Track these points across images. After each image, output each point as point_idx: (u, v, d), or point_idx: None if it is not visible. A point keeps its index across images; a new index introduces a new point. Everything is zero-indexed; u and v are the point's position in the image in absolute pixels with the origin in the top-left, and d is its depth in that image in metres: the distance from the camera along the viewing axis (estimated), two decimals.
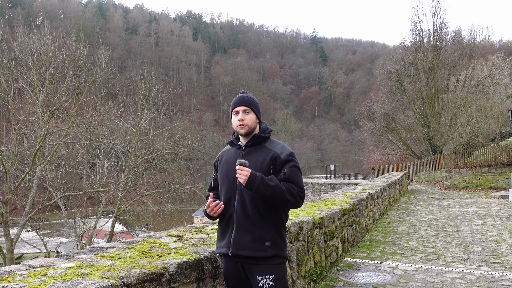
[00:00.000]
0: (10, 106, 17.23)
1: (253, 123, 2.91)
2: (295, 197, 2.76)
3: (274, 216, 2.82)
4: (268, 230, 2.78)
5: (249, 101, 2.93)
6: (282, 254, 2.84)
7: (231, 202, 2.86)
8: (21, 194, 20.56)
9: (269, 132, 2.98)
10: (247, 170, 2.67)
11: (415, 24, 34.73)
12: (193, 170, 36.61)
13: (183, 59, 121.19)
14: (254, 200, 2.78)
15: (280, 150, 2.87)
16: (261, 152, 2.88)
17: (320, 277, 5.43)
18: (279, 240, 2.82)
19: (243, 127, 2.88)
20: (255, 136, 2.91)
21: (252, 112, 2.92)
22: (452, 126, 27.23)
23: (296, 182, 2.80)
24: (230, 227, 2.84)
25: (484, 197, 17.15)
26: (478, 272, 6.01)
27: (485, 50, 54.19)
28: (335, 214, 6.31)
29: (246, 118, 2.89)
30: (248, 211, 2.79)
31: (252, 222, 2.77)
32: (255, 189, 2.67)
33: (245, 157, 2.87)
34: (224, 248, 2.85)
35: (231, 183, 2.87)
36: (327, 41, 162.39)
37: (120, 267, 2.52)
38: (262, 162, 2.83)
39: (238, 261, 2.82)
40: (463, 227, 10.16)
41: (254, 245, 2.74)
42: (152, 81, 24.62)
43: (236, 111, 2.93)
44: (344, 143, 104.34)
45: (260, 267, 2.76)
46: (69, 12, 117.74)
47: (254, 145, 2.92)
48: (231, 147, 3.04)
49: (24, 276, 2.30)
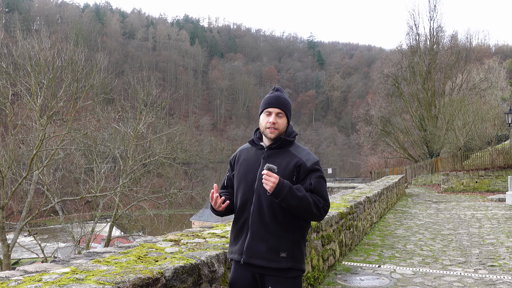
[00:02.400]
0: (8, 110, 17.22)
1: (284, 127, 2.70)
2: (320, 210, 2.57)
3: (292, 225, 2.61)
4: (285, 239, 2.58)
5: (285, 104, 2.71)
6: (299, 266, 2.63)
7: (247, 206, 2.66)
8: (18, 199, 20.53)
9: (294, 135, 2.76)
10: (275, 177, 2.45)
11: (412, 28, 34.90)
12: (190, 175, 36.60)
13: (180, 63, 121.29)
14: (272, 206, 2.58)
15: (305, 157, 2.67)
16: (285, 157, 2.67)
17: (317, 281, 5.42)
18: (296, 251, 2.61)
19: (274, 132, 2.66)
20: (281, 139, 2.69)
21: (285, 116, 2.71)
22: (449, 129, 27.29)
23: (322, 194, 2.60)
24: (244, 233, 2.67)
25: (481, 200, 17.17)
26: (475, 275, 6.01)
27: (481, 54, 54.34)
28: (333, 218, 6.30)
29: (278, 122, 2.67)
30: (265, 217, 2.60)
31: (268, 230, 2.59)
32: (282, 198, 2.46)
33: (267, 159, 2.67)
34: (236, 254, 2.69)
35: (248, 185, 2.67)
36: (324, 45, 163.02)
37: (115, 272, 2.50)
38: (285, 167, 2.62)
39: (250, 269, 2.65)
40: (460, 230, 10.16)
41: (268, 255, 2.56)
42: (151, 85, 24.63)
43: (268, 111, 2.69)
44: (342, 147, 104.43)
45: (274, 279, 2.59)
46: (66, 16, 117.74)
47: (277, 148, 2.71)
48: (251, 146, 2.82)
49: (18, 282, 2.28)
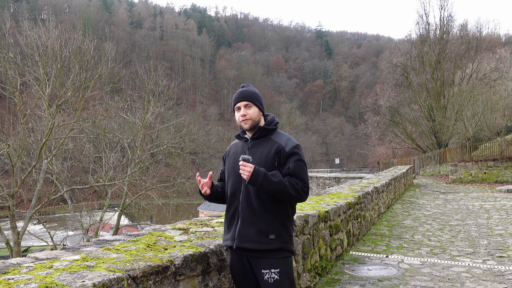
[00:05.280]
0: (17, 100, 17.29)
1: (256, 116, 2.90)
2: (299, 192, 2.74)
3: (279, 210, 2.79)
4: (273, 223, 2.76)
5: (249, 95, 2.91)
6: (288, 247, 2.81)
7: (237, 195, 2.86)
8: (27, 187, 20.70)
9: (275, 124, 2.95)
10: (250, 166, 2.65)
11: (422, 17, 34.56)
12: (198, 164, 36.69)
13: (187, 53, 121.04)
14: (258, 193, 2.76)
15: (285, 142, 2.84)
16: (267, 145, 2.86)
17: (325, 270, 5.43)
18: (284, 233, 2.79)
19: (247, 122, 2.87)
20: (260, 128, 2.89)
21: (254, 105, 2.90)
22: (458, 119, 27.06)
23: (300, 176, 2.76)
24: (236, 220, 2.84)
25: (489, 191, 17.06)
26: (484, 266, 5.99)
27: (492, 44, 53.60)
28: (341, 208, 6.30)
29: (248, 112, 2.88)
30: (253, 204, 2.78)
31: (256, 215, 2.76)
32: (258, 185, 2.65)
33: (251, 150, 2.87)
34: (230, 240, 2.85)
35: (237, 176, 2.85)
36: (332, 35, 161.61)
37: (125, 260, 2.52)
38: (267, 154, 2.81)
39: (243, 254, 2.82)
40: (468, 221, 10.12)
41: (258, 238, 2.73)
42: (158, 75, 24.60)
43: (238, 107, 2.92)
44: (349, 137, 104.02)
45: (265, 261, 2.74)
46: (74, 6, 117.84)
47: (259, 137, 2.90)
48: (238, 141, 3.04)
49: (30, 268, 2.31)
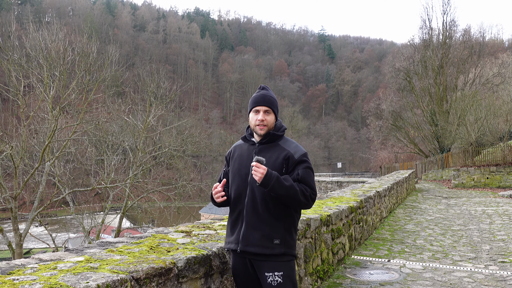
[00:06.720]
0: (20, 102, 17.35)
1: (272, 123, 2.88)
2: (307, 198, 2.75)
3: (284, 215, 2.80)
4: (278, 228, 2.77)
5: (271, 101, 2.88)
6: (291, 252, 2.82)
7: (242, 198, 2.84)
8: (30, 190, 20.76)
9: (283, 130, 2.93)
10: (263, 168, 2.64)
11: (425, 21, 34.59)
12: (200, 167, 36.69)
13: (190, 56, 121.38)
14: (264, 197, 2.76)
15: (293, 149, 2.84)
16: (275, 151, 2.85)
17: (327, 274, 5.43)
18: (288, 238, 2.80)
19: (263, 128, 2.84)
20: (270, 134, 2.87)
21: (273, 112, 2.88)
22: (461, 124, 27.04)
23: (309, 183, 2.79)
24: (240, 223, 2.84)
25: (492, 196, 17.02)
26: (486, 271, 5.98)
27: (495, 48, 53.56)
28: (343, 212, 6.30)
29: (267, 118, 2.85)
30: (258, 208, 2.77)
31: (261, 219, 2.76)
32: (270, 187, 2.64)
33: (258, 154, 2.83)
34: (233, 244, 2.85)
35: (242, 179, 2.85)
36: (334, 39, 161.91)
37: (129, 261, 2.54)
38: (275, 160, 2.80)
39: (246, 256, 2.82)
40: (471, 226, 10.10)
41: (262, 242, 2.74)
42: (160, 78, 24.67)
43: (256, 110, 2.87)
44: (351, 141, 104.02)
45: (269, 264, 2.75)
46: (78, 9, 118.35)
47: (268, 142, 2.89)
48: (244, 143, 3.00)
49: (34, 269, 2.33)
